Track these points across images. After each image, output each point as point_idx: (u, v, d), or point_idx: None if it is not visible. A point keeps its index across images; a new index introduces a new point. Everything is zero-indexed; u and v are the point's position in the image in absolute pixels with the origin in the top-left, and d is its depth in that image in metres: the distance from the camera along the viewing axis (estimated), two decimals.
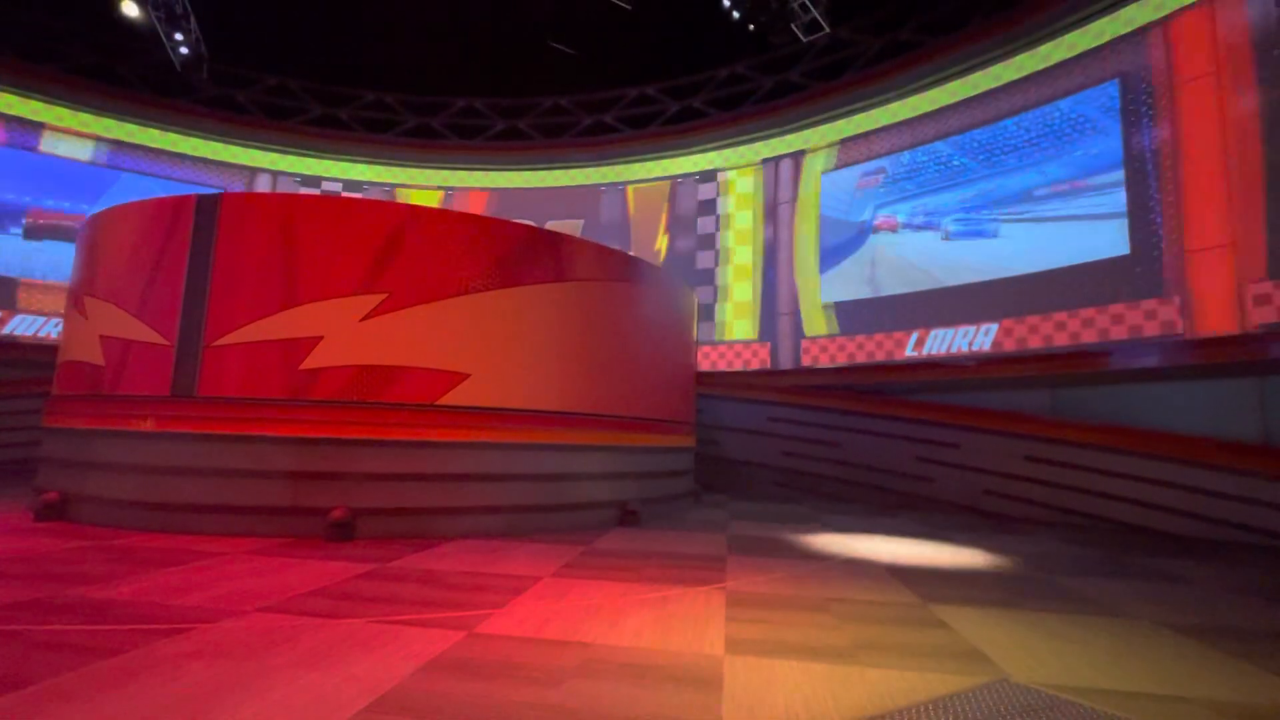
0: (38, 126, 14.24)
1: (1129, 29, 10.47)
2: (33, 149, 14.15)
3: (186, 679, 2.90)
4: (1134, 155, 10.25)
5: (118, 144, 15.05)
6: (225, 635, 3.50)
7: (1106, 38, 10.73)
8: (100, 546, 5.79)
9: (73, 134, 14.57)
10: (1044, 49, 11.49)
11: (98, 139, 14.83)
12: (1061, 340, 10.63)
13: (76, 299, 8.03)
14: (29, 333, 13.54)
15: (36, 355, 12.70)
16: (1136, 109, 10.29)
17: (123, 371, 7.24)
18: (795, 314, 14.35)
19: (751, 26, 13.64)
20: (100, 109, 14.85)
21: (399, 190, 17.21)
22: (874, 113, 13.80)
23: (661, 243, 16.31)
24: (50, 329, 13.55)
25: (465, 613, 4.09)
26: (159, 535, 6.40)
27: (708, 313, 15.30)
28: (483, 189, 17.35)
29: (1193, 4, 9.79)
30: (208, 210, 7.30)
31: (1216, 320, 9.11)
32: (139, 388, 7.09)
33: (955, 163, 12.56)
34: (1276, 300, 8.61)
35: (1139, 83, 10.29)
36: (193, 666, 3.04)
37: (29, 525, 6.74)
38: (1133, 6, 10.43)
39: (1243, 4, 9.25)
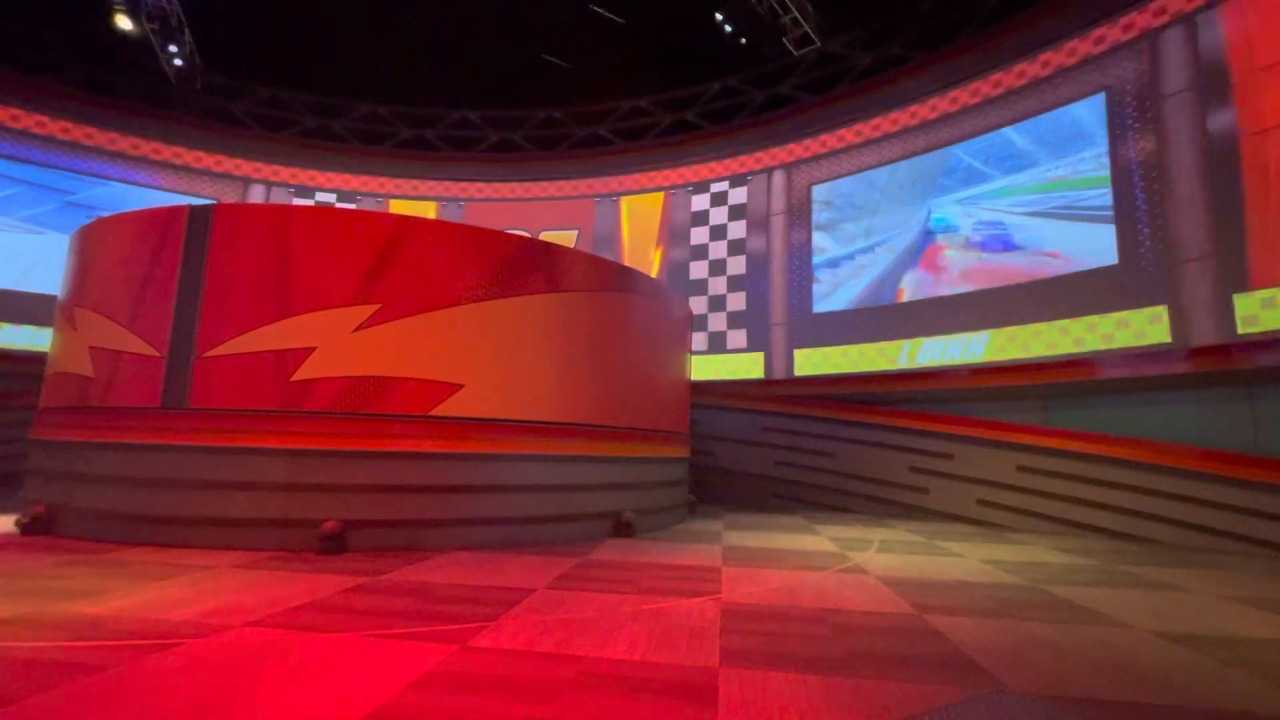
0: (30, 137, 14.18)
1: (1117, 41, 10.64)
2: (26, 160, 14.08)
3: (175, 695, 2.86)
4: (1121, 167, 10.38)
5: (110, 154, 15.00)
6: (215, 650, 3.46)
7: (1093, 51, 10.89)
8: (88, 560, 5.72)
9: (66, 143, 14.51)
10: (1030, 63, 11.65)
11: (91, 149, 14.78)
12: (1052, 350, 10.70)
13: (66, 310, 7.97)
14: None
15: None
16: (1123, 121, 10.44)
17: (112, 383, 7.18)
18: (788, 324, 14.40)
19: (744, 40, 13.81)
20: (93, 120, 14.81)
21: (393, 201, 17.22)
22: (864, 125, 13.94)
23: (655, 253, 16.37)
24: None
25: (458, 626, 4.06)
26: (148, 548, 6.33)
27: (701, 323, 15.33)
28: (477, 200, 17.39)
29: (1174, 21, 9.97)
30: (200, 221, 7.29)
31: (1205, 330, 9.19)
32: (129, 399, 7.03)
33: (943, 174, 12.69)
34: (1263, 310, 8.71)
35: (1125, 96, 10.45)
36: (181, 683, 3.00)
37: (15, 539, 6.66)
38: (1123, 21, 10.61)
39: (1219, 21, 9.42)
